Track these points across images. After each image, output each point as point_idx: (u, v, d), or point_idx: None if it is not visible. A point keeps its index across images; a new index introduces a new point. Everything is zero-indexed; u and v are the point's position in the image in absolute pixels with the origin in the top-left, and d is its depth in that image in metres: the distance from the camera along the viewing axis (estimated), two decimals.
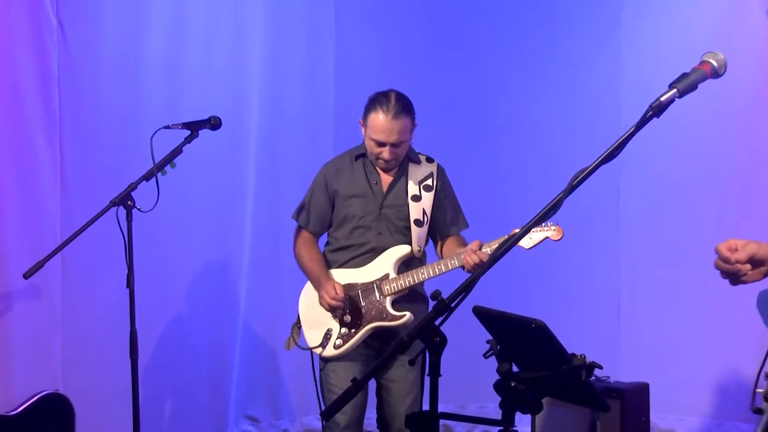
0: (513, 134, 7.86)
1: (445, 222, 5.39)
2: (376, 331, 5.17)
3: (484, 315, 3.23)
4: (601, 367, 2.95)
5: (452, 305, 2.57)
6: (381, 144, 5.13)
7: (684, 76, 2.73)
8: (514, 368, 2.82)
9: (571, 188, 2.61)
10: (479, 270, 2.58)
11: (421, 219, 5.26)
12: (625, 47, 7.56)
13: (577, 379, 2.79)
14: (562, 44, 7.77)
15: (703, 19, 6.47)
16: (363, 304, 5.19)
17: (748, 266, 2.64)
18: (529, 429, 6.57)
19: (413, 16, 7.94)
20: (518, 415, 2.83)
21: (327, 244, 5.42)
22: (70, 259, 6.14)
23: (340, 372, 5.17)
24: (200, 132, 5.12)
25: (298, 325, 5.31)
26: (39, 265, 5.31)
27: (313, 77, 7.74)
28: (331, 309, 5.13)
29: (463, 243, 5.34)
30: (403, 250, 5.23)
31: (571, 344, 2.92)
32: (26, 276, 5.37)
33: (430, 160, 5.42)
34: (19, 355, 6.07)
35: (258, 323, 7.41)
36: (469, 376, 5.31)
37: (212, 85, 6.97)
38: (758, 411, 2.99)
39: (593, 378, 2.87)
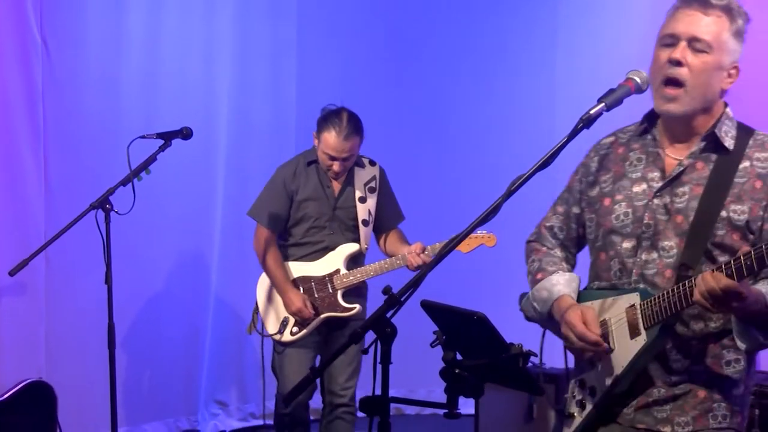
0: (460, 142, 7.89)
1: (386, 218, 5.58)
2: (328, 320, 5.33)
3: (430, 308, 3.24)
4: (536, 355, 2.96)
5: (402, 299, 2.58)
6: (333, 158, 5.28)
7: (611, 91, 2.75)
8: (458, 356, 2.83)
9: (509, 193, 2.63)
10: (424, 269, 2.59)
11: (368, 219, 5.45)
12: (560, 65, 7.62)
13: (514, 366, 2.81)
14: (504, 62, 7.81)
15: (629, 40, 6.51)
16: (317, 296, 5.36)
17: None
18: (473, 411, 6.59)
19: (369, 35, 7.92)
20: (462, 399, 2.84)
21: (283, 238, 5.49)
22: (53, 258, 6.12)
23: (294, 357, 5.37)
24: (173, 141, 5.11)
25: (256, 311, 5.37)
26: (24, 264, 5.29)
27: (276, 91, 7.73)
28: (299, 317, 5.29)
29: (403, 237, 5.56)
30: (352, 247, 5.41)
31: (509, 334, 2.94)
32: (12, 273, 5.36)
33: (372, 163, 5.58)
34: (5, 346, 6.05)
35: (226, 316, 7.39)
36: (418, 363, 5.31)
37: (184, 99, 6.95)
38: (570, 415, 3.02)
39: (530, 365, 2.88)
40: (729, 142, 2.82)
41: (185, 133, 5.11)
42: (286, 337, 5.32)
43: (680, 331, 2.81)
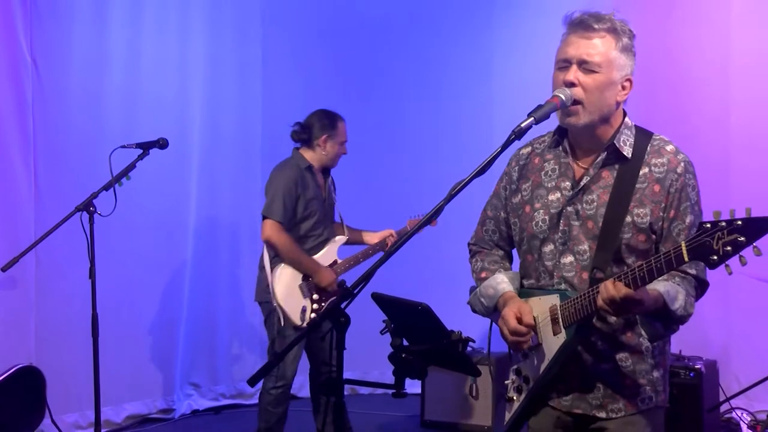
0: (411, 149, 7.97)
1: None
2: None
3: (380, 300, 3.25)
4: (474, 341, 2.99)
5: (354, 292, 2.58)
6: (345, 143, 5.65)
7: (539, 107, 2.73)
8: (405, 342, 2.83)
9: (450, 197, 2.63)
10: (374, 266, 2.58)
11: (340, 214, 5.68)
12: (496, 84, 7.69)
13: (454, 351, 2.82)
14: (449, 84, 7.87)
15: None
16: None
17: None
18: (419, 390, 6.63)
19: (326, 56, 7.95)
20: (409, 380, 2.85)
21: (290, 232, 5.42)
22: (42, 255, 6.10)
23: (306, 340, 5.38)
24: (151, 150, 5.09)
25: (280, 308, 5.30)
26: (15, 260, 5.26)
27: (243, 106, 7.72)
28: (332, 288, 5.31)
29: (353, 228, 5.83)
30: (342, 239, 5.63)
31: (451, 322, 2.95)
32: (4, 269, 5.33)
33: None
34: None
35: (199, 307, 7.38)
36: (370, 348, 5.32)
37: (161, 112, 6.93)
38: (510, 399, 3.03)
39: (469, 349, 2.90)
40: (627, 151, 2.83)
41: (161, 144, 5.09)
42: (306, 323, 5.25)
43: (601, 326, 2.82)
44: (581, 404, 2.89)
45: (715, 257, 2.41)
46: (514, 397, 3.01)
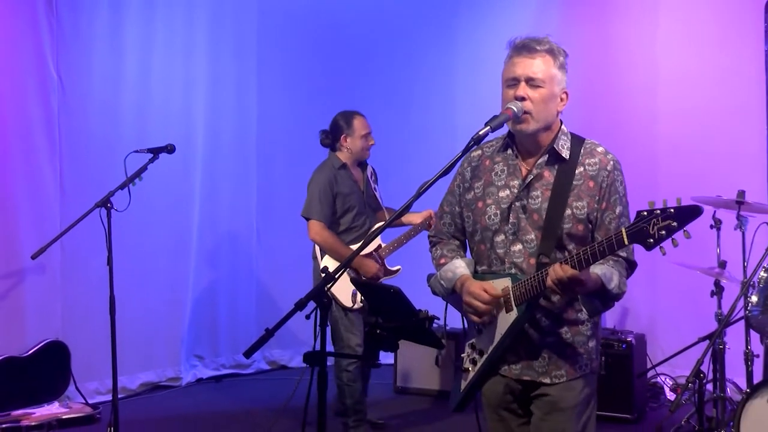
0: (385, 155, 7.81)
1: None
2: None
3: (358, 283, 3.27)
4: (438, 319, 2.99)
5: (336, 276, 2.58)
6: (369, 134, 5.45)
7: (494, 117, 2.75)
8: (380, 320, 2.84)
9: (418, 194, 2.65)
10: (351, 255, 2.57)
11: (382, 201, 5.53)
12: (459, 97, 7.70)
13: (422, 327, 2.83)
14: (419, 95, 7.86)
15: None
16: None
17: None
18: (392, 361, 6.64)
19: (314, 72, 7.92)
20: (383, 353, 2.87)
21: (333, 228, 5.30)
22: (67, 245, 6.09)
23: (357, 319, 5.13)
24: (160, 155, 5.07)
25: (331, 293, 5.12)
26: (42, 250, 5.28)
27: (240, 116, 7.69)
28: (377, 276, 5.23)
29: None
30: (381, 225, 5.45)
31: (419, 302, 2.97)
32: (33, 257, 5.33)
33: (366, 164, 5.61)
34: (29, 314, 6.02)
35: (202, 289, 7.36)
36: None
37: (169, 122, 6.90)
38: (466, 370, 3.02)
39: (435, 326, 2.90)
40: (565, 153, 2.86)
41: (169, 149, 5.07)
42: (358, 304, 5.12)
43: (545, 304, 2.84)
44: (529, 372, 2.90)
45: (651, 240, 2.46)
46: (470, 368, 3.01)
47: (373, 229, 5.32)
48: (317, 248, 5.29)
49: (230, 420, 6.08)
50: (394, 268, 5.40)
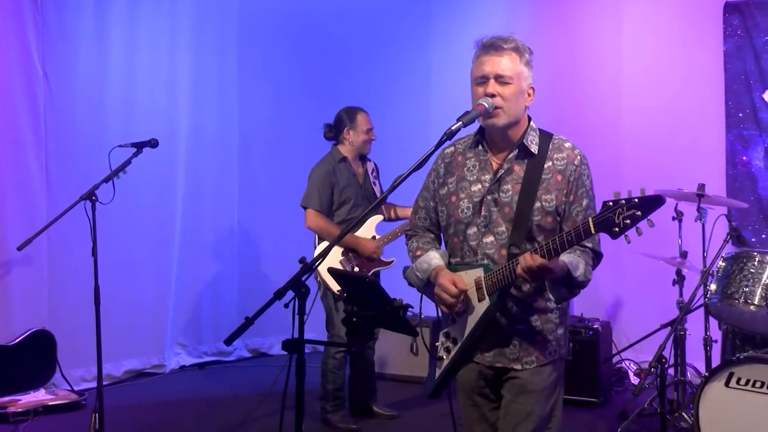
0: None
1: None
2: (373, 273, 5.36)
3: (335, 274, 3.24)
4: (412, 307, 2.98)
5: (313, 266, 2.56)
6: (370, 130, 5.46)
7: (467, 113, 2.75)
8: (356, 309, 2.82)
9: (393, 187, 2.67)
10: (328, 246, 2.55)
11: (382, 190, 5.48)
12: (434, 94, 7.71)
13: (396, 315, 2.81)
14: (395, 92, 7.84)
15: None
16: (365, 257, 5.32)
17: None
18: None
19: (294, 72, 7.91)
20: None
21: (330, 218, 5.31)
22: (53, 237, 6.04)
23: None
24: (144, 149, 5.01)
25: (322, 278, 5.20)
26: (29, 241, 5.22)
27: (223, 112, 7.66)
28: (375, 255, 5.28)
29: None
30: (378, 218, 5.44)
31: (394, 292, 2.94)
32: (20, 248, 5.28)
33: (369, 159, 5.60)
34: (16, 303, 5.98)
35: (185, 279, 7.32)
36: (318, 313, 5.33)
37: (153, 117, 6.86)
38: (440, 358, 3.02)
39: (410, 314, 2.89)
40: (534, 148, 2.86)
41: (153, 143, 5.01)
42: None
43: (516, 293, 2.84)
44: (501, 359, 2.90)
45: (617, 229, 2.47)
46: (444, 356, 3.00)
47: (346, 226, 5.27)
48: (316, 237, 5.32)
49: (213, 405, 6.05)
50: (389, 260, 5.39)
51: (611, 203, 2.49)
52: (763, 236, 6.31)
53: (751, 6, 6.34)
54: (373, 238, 5.37)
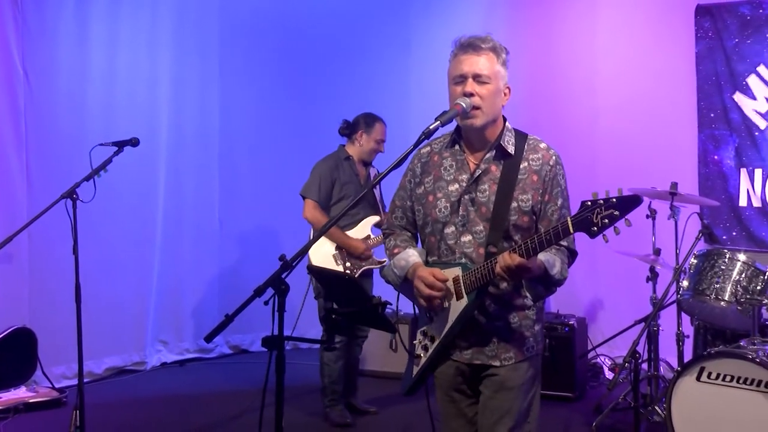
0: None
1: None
2: (364, 271, 5.34)
3: (314, 271, 3.24)
4: (390, 304, 2.98)
5: (293, 264, 2.55)
6: (382, 141, 5.45)
7: (444, 112, 2.75)
8: (335, 306, 2.82)
9: (372, 185, 2.68)
10: (307, 244, 2.55)
11: (382, 198, 5.48)
12: (413, 94, 7.68)
13: (375, 312, 2.81)
14: (374, 91, 7.79)
15: None
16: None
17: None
18: None
19: (273, 72, 7.90)
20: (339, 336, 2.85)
21: (328, 213, 5.32)
22: (34, 235, 6.00)
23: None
24: (125, 148, 4.97)
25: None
26: (9, 239, 5.13)
27: (203, 111, 7.62)
28: (364, 255, 5.29)
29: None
30: (375, 218, 5.42)
31: (374, 289, 2.95)
32: (0, 246, 5.20)
33: (372, 165, 5.58)
34: None
35: (166, 277, 7.28)
36: (309, 310, 5.31)
37: (134, 116, 6.81)
38: (418, 356, 3.02)
39: (388, 311, 2.89)
40: (511, 149, 2.86)
41: (134, 142, 4.97)
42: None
43: (494, 291, 2.84)
44: (480, 356, 2.90)
45: (595, 228, 2.47)
46: (422, 354, 2.99)
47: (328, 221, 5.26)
48: (312, 231, 5.34)
49: (194, 402, 6.02)
50: (382, 260, 5.40)
51: (589, 203, 2.49)
52: (734, 234, 6.36)
53: (722, 9, 6.40)
54: (368, 237, 5.39)
